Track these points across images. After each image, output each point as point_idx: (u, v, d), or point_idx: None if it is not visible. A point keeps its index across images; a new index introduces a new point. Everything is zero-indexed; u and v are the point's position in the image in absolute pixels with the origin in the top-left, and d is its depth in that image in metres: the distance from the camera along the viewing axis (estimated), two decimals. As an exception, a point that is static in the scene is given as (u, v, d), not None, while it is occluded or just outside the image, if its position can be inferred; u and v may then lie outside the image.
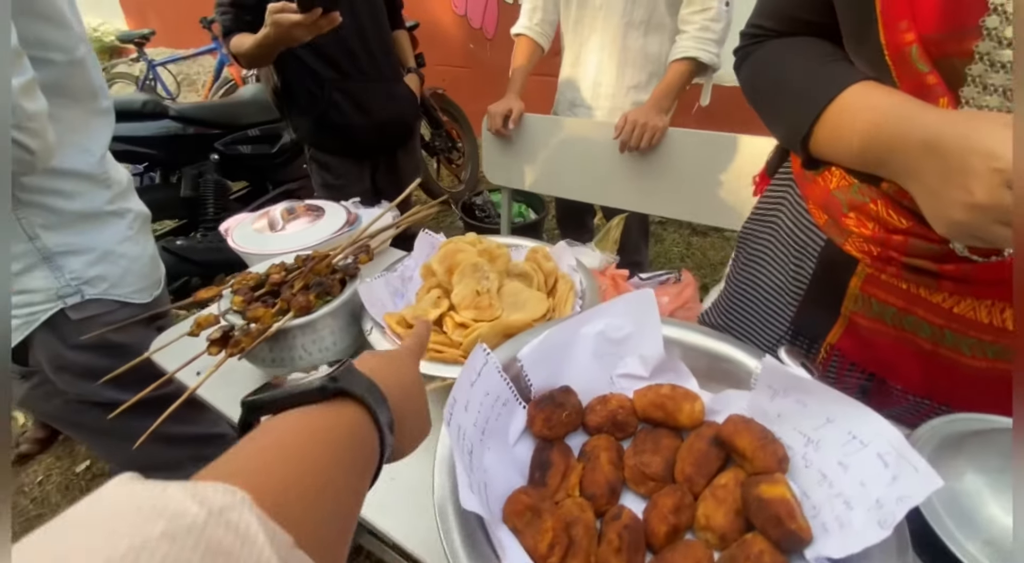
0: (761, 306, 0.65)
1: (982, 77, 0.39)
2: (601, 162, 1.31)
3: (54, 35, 0.72)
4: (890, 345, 0.52)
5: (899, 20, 0.40)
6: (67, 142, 0.77)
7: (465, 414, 0.45)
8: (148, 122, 1.70)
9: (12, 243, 0.75)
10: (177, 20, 4.82)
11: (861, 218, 0.49)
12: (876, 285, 0.50)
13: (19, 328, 0.79)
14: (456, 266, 0.68)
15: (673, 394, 0.51)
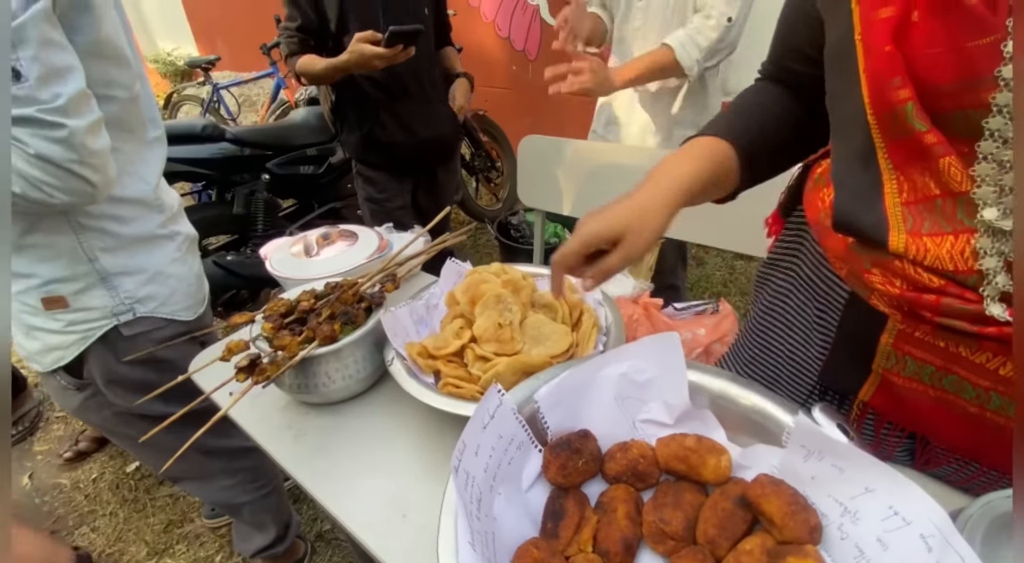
0: (785, 358, 0.60)
1: (1002, 131, 0.35)
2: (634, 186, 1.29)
3: (118, 74, 0.78)
4: (930, 406, 0.47)
5: (890, 78, 0.37)
6: (126, 172, 0.83)
7: (475, 459, 0.44)
8: (207, 144, 1.81)
9: (74, 265, 0.81)
10: (241, 46, 5.16)
11: (887, 275, 0.44)
12: (910, 342, 0.46)
13: (76, 343, 0.85)
14: (479, 297, 0.68)
15: (698, 447, 0.48)
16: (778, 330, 0.61)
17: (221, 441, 1.04)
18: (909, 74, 0.37)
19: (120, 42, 0.78)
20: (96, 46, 0.72)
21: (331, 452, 0.62)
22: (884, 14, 0.37)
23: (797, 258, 0.59)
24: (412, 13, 1.52)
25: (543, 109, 3.33)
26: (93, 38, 0.71)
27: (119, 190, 0.81)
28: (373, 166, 1.67)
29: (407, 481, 0.58)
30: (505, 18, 3.23)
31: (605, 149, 1.36)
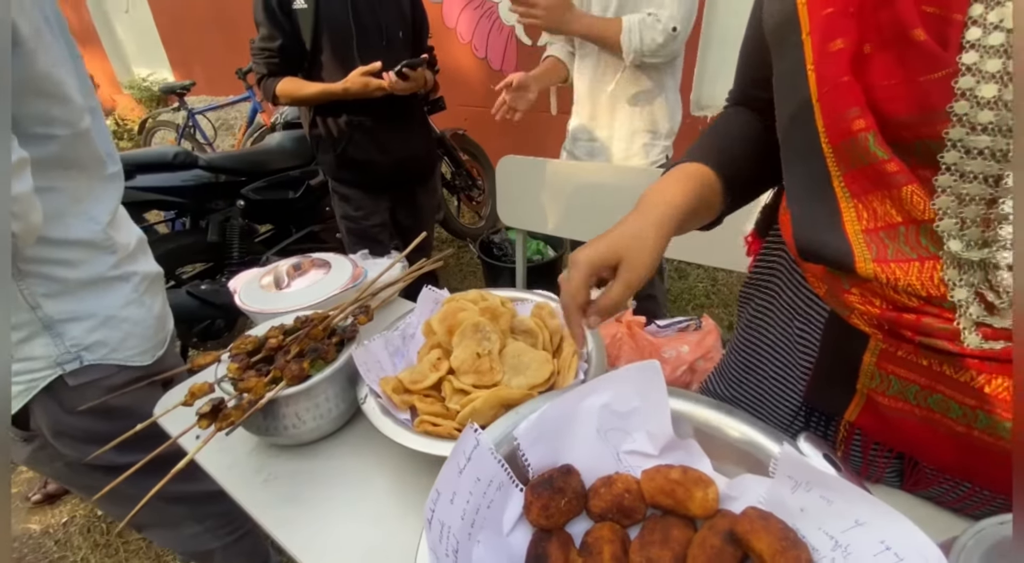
0: (769, 379, 0.59)
1: (958, 164, 0.35)
2: (613, 204, 1.29)
3: (58, 111, 0.73)
4: (917, 425, 0.46)
5: (847, 108, 0.37)
6: (71, 212, 0.78)
7: (450, 507, 0.41)
8: (179, 172, 1.78)
9: (13, 313, 0.75)
10: (217, 71, 5.14)
11: (866, 295, 0.44)
12: (893, 361, 0.45)
13: (19, 395, 0.79)
14: (457, 326, 0.66)
15: (684, 479, 0.47)
16: (761, 351, 0.60)
17: (187, 486, 0.98)
18: (868, 104, 0.37)
19: (61, 77, 0.73)
20: (29, 82, 0.68)
21: (302, 498, 0.59)
22: (836, 46, 0.37)
23: (776, 277, 0.59)
24: (386, 35, 1.54)
25: (522, 127, 3.35)
26: (24, 75, 0.67)
27: (62, 232, 0.76)
28: (347, 183, 1.68)
29: (383, 525, 0.55)
30: (481, 39, 3.27)
31: (583, 168, 1.36)
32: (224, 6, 4.82)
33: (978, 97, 0.33)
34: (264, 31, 1.46)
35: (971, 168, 0.35)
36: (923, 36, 0.33)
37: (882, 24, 0.35)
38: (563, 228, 1.43)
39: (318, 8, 1.42)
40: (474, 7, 3.20)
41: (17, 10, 0.65)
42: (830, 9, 0.37)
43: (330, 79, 1.50)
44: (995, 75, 0.33)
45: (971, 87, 0.33)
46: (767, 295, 0.60)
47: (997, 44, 0.32)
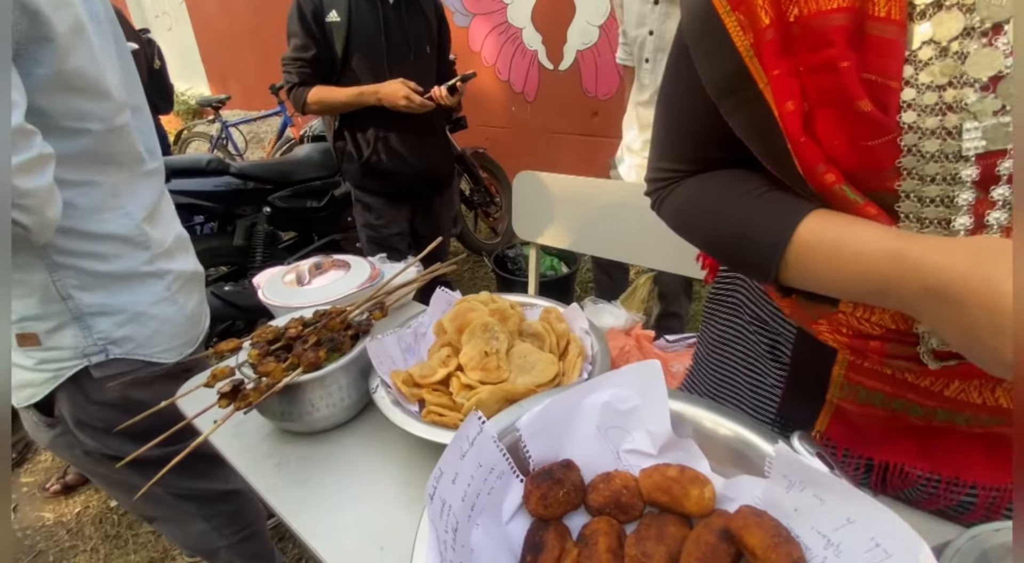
0: (744, 392, 0.60)
1: (915, 213, 0.37)
2: (627, 221, 1.31)
3: (93, 107, 0.75)
4: (880, 426, 0.48)
5: (815, 165, 0.38)
6: (108, 207, 0.80)
7: (452, 487, 0.43)
8: (211, 178, 1.86)
9: (46, 303, 0.77)
10: (251, 86, 5.37)
11: (833, 325, 0.45)
12: (860, 372, 0.46)
13: (47, 382, 0.82)
14: (467, 325, 0.68)
15: (681, 477, 0.48)
16: (731, 365, 0.61)
17: (198, 483, 1.01)
18: (828, 160, 0.38)
19: (97, 74, 0.74)
20: (61, 77, 0.69)
21: (313, 483, 0.61)
22: (789, 107, 0.38)
23: (739, 293, 0.60)
24: (414, 50, 1.61)
25: (540, 148, 3.43)
26: (55, 69, 0.68)
27: (98, 226, 0.78)
28: (371, 192, 1.74)
29: (388, 512, 0.56)
30: (505, 62, 3.37)
31: (596, 185, 1.39)
32: (260, 25, 5.05)
33: (922, 152, 0.35)
34: (298, 41, 1.52)
35: (926, 215, 0.37)
36: (869, 107, 0.34)
37: (823, 87, 0.36)
38: (577, 243, 1.46)
39: (351, 22, 1.49)
40: (499, 32, 3.31)
41: (52, 7, 0.66)
42: (777, 71, 0.38)
43: None
44: (934, 131, 0.34)
45: (915, 143, 0.35)
46: (733, 311, 0.61)
47: (932, 103, 0.34)
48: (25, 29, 0.64)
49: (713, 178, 0.51)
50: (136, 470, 0.85)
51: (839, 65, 0.34)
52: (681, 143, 0.53)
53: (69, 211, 0.75)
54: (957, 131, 0.34)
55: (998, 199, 0.35)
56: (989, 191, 0.35)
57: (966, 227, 0.36)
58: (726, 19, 0.38)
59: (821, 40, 0.35)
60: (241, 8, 5.13)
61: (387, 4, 1.54)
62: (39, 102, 0.68)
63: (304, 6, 1.48)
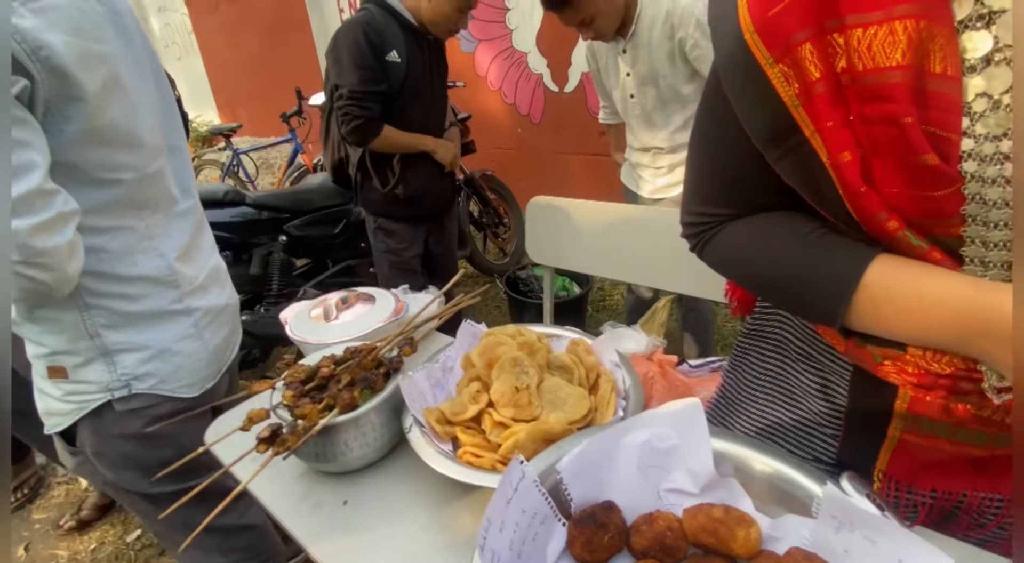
0: (793, 434, 0.59)
1: (980, 257, 0.38)
2: (638, 241, 1.32)
3: (126, 158, 0.77)
4: (945, 462, 0.48)
5: (876, 213, 0.39)
6: (140, 249, 0.81)
7: (500, 536, 0.43)
8: (228, 208, 1.89)
9: (76, 340, 0.79)
10: (260, 114, 5.49)
11: (899, 365, 0.45)
12: (922, 406, 0.46)
13: (71, 412, 0.84)
14: (496, 359, 0.69)
15: (726, 518, 0.47)
16: (778, 403, 0.60)
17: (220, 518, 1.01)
18: (890, 208, 0.38)
19: (131, 125, 0.76)
20: (94, 133, 0.71)
21: (348, 524, 0.61)
22: (846, 158, 0.38)
23: (783, 331, 0.59)
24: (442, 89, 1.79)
25: (546, 169, 3.47)
26: (90, 125, 0.70)
27: (129, 268, 0.81)
28: (395, 219, 1.80)
29: (429, 554, 0.56)
30: (511, 86, 3.43)
31: (608, 208, 1.41)
32: (268, 55, 5.18)
33: (986, 199, 0.36)
34: (370, 74, 1.53)
35: (990, 259, 0.37)
36: (935, 160, 0.35)
37: (881, 139, 0.36)
38: (590, 265, 1.47)
39: (408, 63, 1.58)
40: (504, 57, 3.38)
41: (84, 68, 0.67)
42: (831, 122, 0.37)
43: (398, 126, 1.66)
44: (995, 179, 0.35)
45: (978, 191, 0.36)
46: (772, 347, 0.61)
47: (991, 153, 0.35)
48: (55, 89, 0.65)
49: (765, 220, 0.50)
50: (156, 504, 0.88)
51: (903, 120, 0.35)
52: (724, 188, 0.52)
53: (101, 255, 0.78)
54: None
55: None
56: None
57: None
58: (769, 71, 0.38)
59: (879, 95, 0.35)
60: (249, 38, 5.27)
61: (431, 45, 1.66)
62: (70, 157, 0.70)
63: (373, 41, 1.52)
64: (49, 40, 0.63)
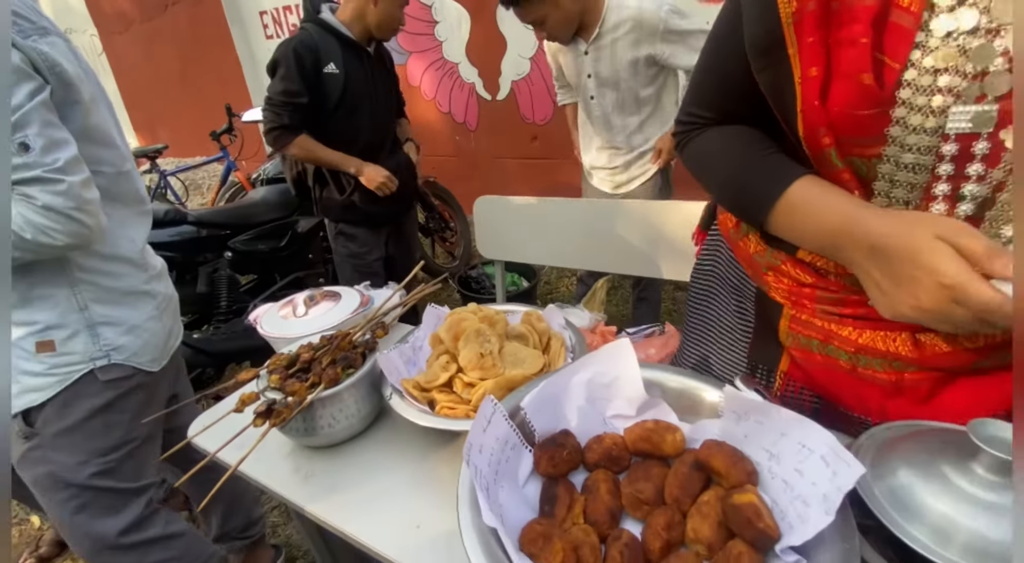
0: (719, 345, 0.74)
1: (890, 174, 0.47)
2: (581, 231, 1.46)
3: (105, 154, 0.95)
4: (821, 369, 0.61)
5: (818, 127, 0.47)
6: (118, 234, 0.98)
7: (480, 456, 0.53)
8: (168, 228, 1.86)
9: (67, 313, 0.92)
10: (184, 133, 5.26)
11: (777, 276, 0.60)
12: (799, 324, 0.61)
13: (54, 385, 0.94)
14: (461, 333, 0.78)
15: (657, 427, 0.59)
16: (711, 321, 0.76)
17: (136, 535, 1.06)
18: (829, 125, 0.46)
19: (107, 130, 0.96)
20: (85, 131, 0.89)
21: (341, 487, 0.68)
22: (813, 73, 0.45)
23: (717, 262, 0.75)
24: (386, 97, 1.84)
25: (486, 173, 3.59)
26: (82, 125, 0.89)
27: (111, 248, 0.96)
28: (355, 223, 1.87)
29: (416, 497, 0.65)
30: (444, 95, 3.53)
31: (550, 203, 1.53)
32: (190, 74, 4.99)
33: (908, 124, 0.43)
34: (293, 87, 1.62)
35: (899, 178, 0.46)
36: (869, 79, 0.41)
37: (843, 60, 0.43)
38: (538, 257, 1.59)
39: (347, 75, 1.65)
40: (436, 68, 3.48)
41: (80, 80, 0.89)
42: (811, 39, 0.43)
43: (342, 136, 1.73)
44: (922, 108, 0.42)
45: (904, 116, 0.43)
46: (710, 278, 0.76)
47: (927, 84, 0.41)
48: (62, 96, 0.85)
49: (731, 132, 0.59)
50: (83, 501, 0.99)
51: (859, 40, 0.41)
52: (712, 92, 0.61)
53: None
54: (942, 111, 0.41)
55: (972, 174, 0.43)
56: (965, 166, 0.43)
57: (944, 193, 0.45)
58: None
59: (853, 17, 0.41)
60: (167, 58, 5.05)
61: (371, 58, 1.74)
62: None
63: (304, 56, 1.60)
64: (60, 61, 0.85)
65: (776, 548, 0.45)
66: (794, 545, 0.44)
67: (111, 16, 5.31)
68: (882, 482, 0.47)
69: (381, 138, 1.84)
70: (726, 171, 0.61)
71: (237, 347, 1.89)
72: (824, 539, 0.43)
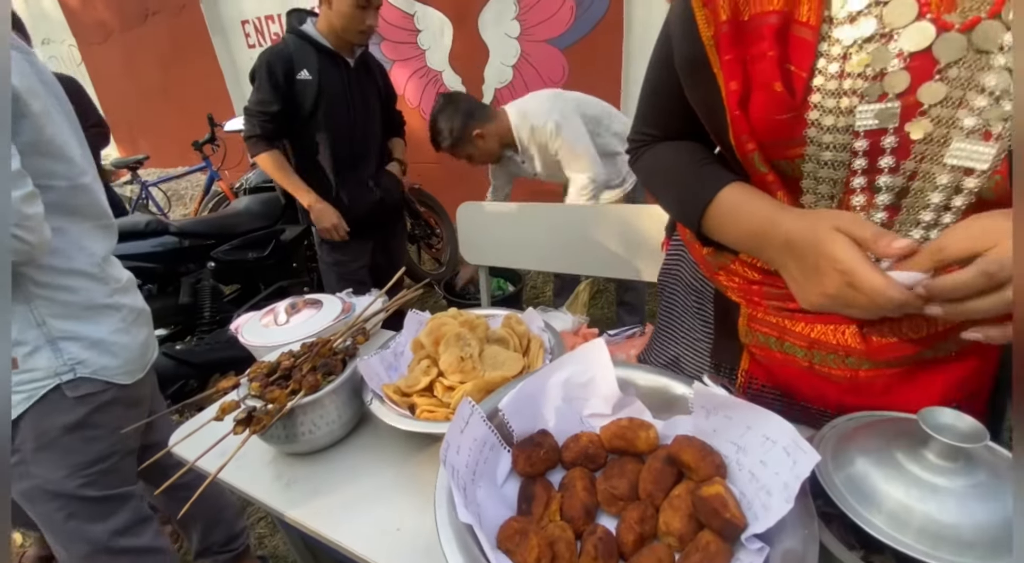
0: (684, 345, 0.77)
1: (813, 172, 0.51)
2: (562, 236, 1.48)
3: (57, 167, 0.93)
4: (780, 366, 0.64)
5: (742, 134, 0.52)
6: (75, 247, 0.97)
7: (457, 456, 0.54)
8: (150, 239, 1.85)
9: (25, 329, 0.91)
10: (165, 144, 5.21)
11: (728, 274, 0.63)
12: (756, 321, 0.63)
13: (20, 402, 0.93)
14: (441, 337, 0.79)
15: (631, 425, 0.61)
16: (675, 323, 0.78)
17: (128, 540, 1.08)
18: (751, 132, 0.51)
19: (62, 143, 0.94)
20: (34, 145, 0.89)
21: (322, 493, 0.69)
22: (733, 86, 0.50)
23: (680, 265, 0.77)
24: (369, 105, 1.83)
25: (469, 179, 3.60)
26: (33, 138, 0.88)
27: (66, 262, 0.95)
28: None
29: (396, 500, 0.65)
30: (428, 103, 3.54)
31: (533, 208, 1.56)
32: (168, 82, 4.95)
33: (822, 125, 0.47)
34: (264, 96, 1.66)
35: (821, 175, 0.51)
36: (780, 88, 0.46)
37: (756, 72, 0.48)
38: (521, 261, 1.61)
39: (320, 81, 1.66)
40: (420, 75, 3.50)
41: (31, 94, 0.88)
42: (728, 57, 0.49)
43: (320, 143, 1.75)
44: (832, 109, 0.46)
45: (816, 118, 0.47)
46: (675, 279, 0.78)
47: (834, 89, 0.46)
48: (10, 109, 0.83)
49: (673, 146, 0.65)
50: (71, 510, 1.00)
51: (767, 54, 0.46)
52: (655, 112, 0.67)
53: None
54: (849, 111, 0.46)
55: (884, 167, 0.47)
56: (877, 160, 0.47)
57: (861, 185, 0.49)
58: (697, 13, 0.50)
59: (759, 34, 0.47)
60: (147, 68, 5.01)
61: (349, 66, 1.74)
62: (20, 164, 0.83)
63: (274, 64, 1.63)
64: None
65: (742, 537, 0.47)
66: (758, 532, 0.46)
67: (90, 26, 5.25)
68: (841, 472, 0.49)
69: (363, 149, 1.85)
70: (666, 181, 0.66)
71: (221, 358, 1.87)
72: (786, 526, 0.45)
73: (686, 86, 0.57)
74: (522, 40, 3.05)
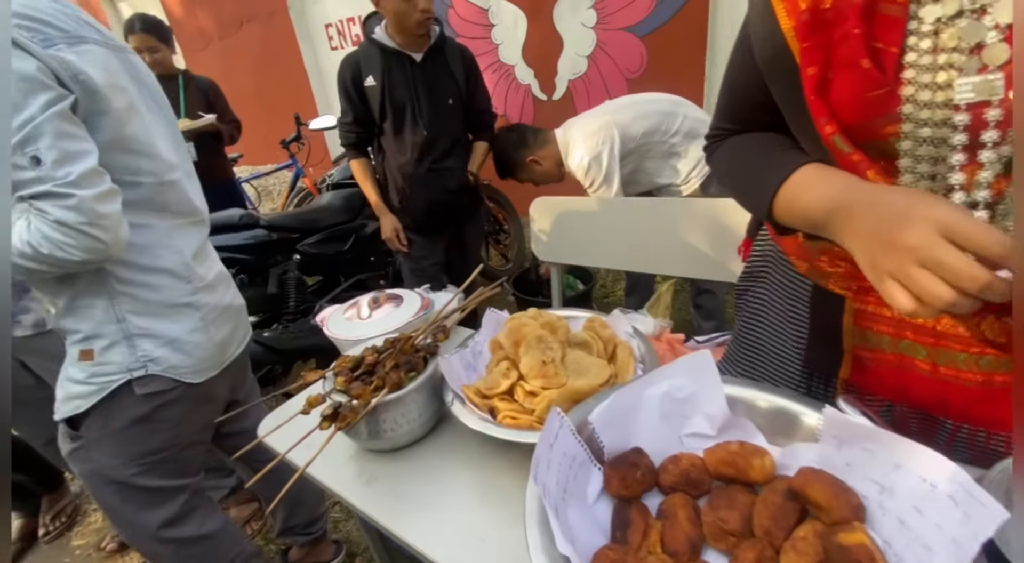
0: (769, 354, 0.70)
1: (912, 150, 0.47)
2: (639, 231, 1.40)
3: (143, 164, 0.92)
4: (894, 371, 0.56)
5: (820, 117, 0.49)
6: (161, 245, 0.96)
7: (547, 472, 0.50)
8: (243, 232, 1.97)
9: (105, 324, 0.93)
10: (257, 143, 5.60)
11: (833, 259, 0.56)
12: (866, 317, 0.56)
13: (94, 393, 0.95)
14: (522, 339, 0.76)
15: (742, 450, 0.54)
16: (762, 332, 0.71)
17: (173, 531, 1.10)
18: (831, 115, 0.49)
19: (148, 140, 0.93)
20: (118, 141, 0.88)
21: (402, 493, 0.67)
22: (810, 72, 0.49)
23: (767, 267, 0.70)
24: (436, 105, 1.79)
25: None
26: (115, 135, 0.87)
27: (151, 260, 0.94)
28: (412, 230, 1.92)
29: (479, 509, 0.63)
30: (500, 97, 3.53)
31: (608, 203, 1.48)
32: (261, 86, 5.30)
33: (918, 101, 0.45)
34: (343, 105, 1.76)
35: (921, 152, 0.47)
36: (868, 64, 0.45)
37: (841, 53, 0.47)
38: (595, 258, 1.54)
39: (384, 85, 1.70)
40: (492, 70, 3.49)
41: (114, 90, 0.87)
42: (807, 43, 0.49)
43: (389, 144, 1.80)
44: (928, 85, 0.44)
45: (912, 94, 0.45)
46: (761, 283, 0.71)
47: (927, 63, 0.44)
48: (88, 105, 0.83)
49: (751, 136, 0.64)
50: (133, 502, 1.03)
51: (852, 32, 0.45)
52: (734, 106, 0.66)
53: (128, 247, 0.90)
54: (948, 84, 0.44)
55: (987, 141, 0.44)
56: (980, 134, 0.44)
57: (961, 162, 0.46)
58: (776, 7, 0.50)
59: (842, 16, 0.45)
60: (242, 72, 5.40)
61: (415, 64, 1.73)
62: (101, 160, 0.84)
63: (344, 74, 1.70)
64: (86, 70, 0.82)
65: (895, 600, 0.39)
66: (920, 600, 0.38)
67: (192, 34, 5.75)
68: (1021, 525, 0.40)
69: (431, 149, 1.81)
70: (741, 167, 0.64)
71: (304, 345, 1.97)
72: (958, 595, 0.36)
73: (769, 81, 0.56)
74: (598, 29, 2.95)
